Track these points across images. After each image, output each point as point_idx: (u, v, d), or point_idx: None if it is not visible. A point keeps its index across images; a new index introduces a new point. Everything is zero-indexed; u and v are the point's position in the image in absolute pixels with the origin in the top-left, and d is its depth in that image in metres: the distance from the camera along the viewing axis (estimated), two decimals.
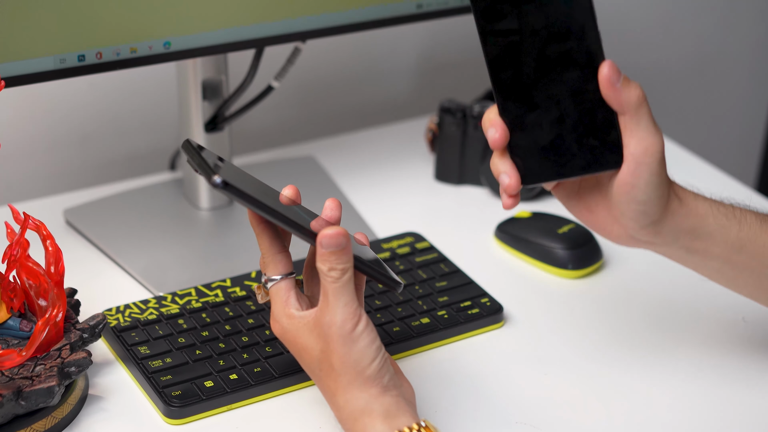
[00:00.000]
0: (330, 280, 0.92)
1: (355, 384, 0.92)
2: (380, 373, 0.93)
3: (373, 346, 0.93)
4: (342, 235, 0.92)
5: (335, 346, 0.92)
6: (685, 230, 0.97)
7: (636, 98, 0.93)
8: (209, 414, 1.03)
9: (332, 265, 0.92)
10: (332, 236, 0.92)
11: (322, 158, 1.45)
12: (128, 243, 1.26)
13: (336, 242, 0.92)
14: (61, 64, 1.12)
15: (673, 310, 1.18)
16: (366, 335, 0.92)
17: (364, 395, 0.92)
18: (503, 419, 1.03)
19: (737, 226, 0.98)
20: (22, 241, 1.02)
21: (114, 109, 1.48)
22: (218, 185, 0.90)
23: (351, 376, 0.92)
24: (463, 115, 1.39)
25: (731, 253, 0.99)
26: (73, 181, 1.47)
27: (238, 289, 1.15)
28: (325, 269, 0.92)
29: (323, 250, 0.92)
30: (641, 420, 1.04)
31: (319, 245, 0.92)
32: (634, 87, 0.93)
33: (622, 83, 0.93)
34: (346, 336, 0.92)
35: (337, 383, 0.93)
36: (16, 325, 1.04)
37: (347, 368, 0.92)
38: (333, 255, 0.92)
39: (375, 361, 0.92)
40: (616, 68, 0.93)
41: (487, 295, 1.17)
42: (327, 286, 0.92)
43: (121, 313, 1.12)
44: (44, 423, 0.99)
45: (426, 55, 1.68)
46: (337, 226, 0.93)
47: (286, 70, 1.29)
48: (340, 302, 0.92)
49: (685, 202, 0.97)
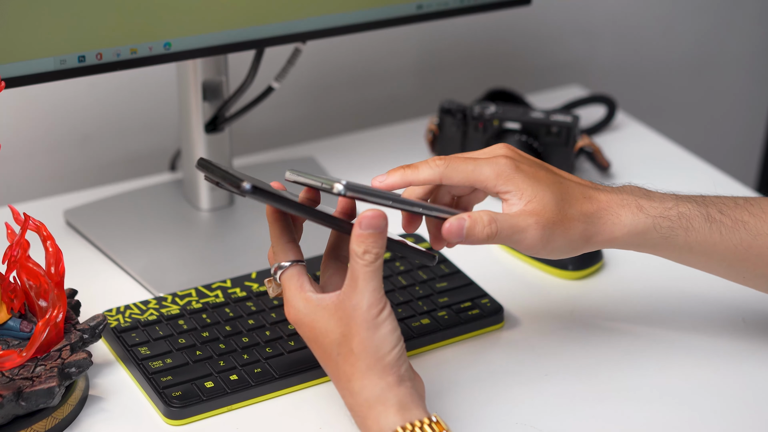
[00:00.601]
0: (363, 263, 0.93)
1: (373, 370, 0.93)
2: (398, 362, 0.93)
3: (395, 334, 0.94)
4: (382, 217, 0.93)
5: (358, 329, 0.93)
6: (629, 241, 1.02)
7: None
8: (209, 415, 1.03)
9: (368, 248, 0.92)
10: (372, 217, 0.93)
11: (322, 159, 1.45)
12: (128, 244, 1.26)
13: (376, 223, 0.93)
14: (62, 65, 1.12)
15: (673, 312, 1.18)
16: (389, 322, 0.93)
17: (381, 383, 0.93)
18: (504, 420, 1.03)
19: (684, 234, 1.03)
20: (22, 242, 1.02)
21: (114, 110, 1.48)
22: (248, 191, 0.91)
23: (371, 361, 0.93)
24: (464, 116, 1.39)
25: (685, 255, 1.04)
26: (74, 181, 1.47)
27: (238, 290, 1.15)
28: (360, 251, 0.93)
29: (361, 231, 0.93)
30: (642, 420, 1.04)
31: (357, 226, 0.93)
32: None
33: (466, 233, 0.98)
34: (371, 321, 0.93)
35: (354, 368, 0.93)
36: (17, 326, 1.04)
37: (368, 353, 0.93)
38: (370, 237, 0.93)
39: (395, 349, 0.93)
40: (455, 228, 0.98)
41: (487, 296, 1.17)
42: (358, 269, 0.93)
43: (122, 314, 1.12)
44: (44, 423, 0.99)
45: (426, 55, 1.68)
46: (376, 209, 0.93)
47: (287, 70, 1.29)
48: (369, 286, 0.93)
49: (618, 222, 1.02)
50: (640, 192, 1.04)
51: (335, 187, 0.93)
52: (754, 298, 1.19)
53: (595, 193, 1.02)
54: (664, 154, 1.50)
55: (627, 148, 1.50)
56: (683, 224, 1.02)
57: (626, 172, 1.44)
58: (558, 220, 0.99)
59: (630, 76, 1.87)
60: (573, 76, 1.79)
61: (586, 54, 1.81)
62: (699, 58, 1.93)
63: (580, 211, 1.01)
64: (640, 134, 1.54)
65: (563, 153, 1.37)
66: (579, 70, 1.81)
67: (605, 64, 1.83)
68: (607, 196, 1.03)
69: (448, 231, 0.97)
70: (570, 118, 1.37)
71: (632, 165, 1.46)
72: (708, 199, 1.04)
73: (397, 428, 0.92)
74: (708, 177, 1.44)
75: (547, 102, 1.59)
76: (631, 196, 1.03)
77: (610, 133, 1.54)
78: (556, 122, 1.37)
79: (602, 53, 1.82)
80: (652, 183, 1.33)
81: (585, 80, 1.79)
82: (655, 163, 1.47)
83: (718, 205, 1.04)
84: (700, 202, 1.04)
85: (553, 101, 1.59)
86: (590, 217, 1.01)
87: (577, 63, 1.80)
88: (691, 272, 1.08)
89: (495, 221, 0.98)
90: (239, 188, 0.91)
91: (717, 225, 1.03)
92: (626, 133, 1.54)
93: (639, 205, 1.02)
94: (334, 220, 0.97)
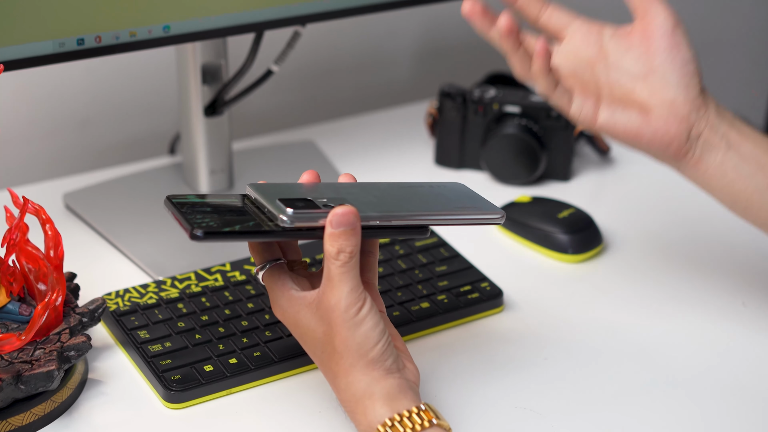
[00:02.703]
0: (338, 263, 0.91)
1: (357, 367, 0.92)
2: (383, 356, 0.92)
3: (377, 330, 0.92)
4: (353, 213, 0.91)
5: (338, 329, 0.92)
6: (724, 114, 1.04)
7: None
8: (209, 398, 1.03)
9: (341, 247, 0.90)
10: (343, 214, 0.90)
11: (321, 142, 1.45)
12: (128, 227, 1.26)
13: (346, 221, 0.90)
14: (60, 48, 1.12)
15: (672, 295, 1.18)
16: (370, 319, 0.92)
17: (366, 378, 0.92)
18: (503, 404, 1.03)
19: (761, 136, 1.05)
20: (21, 225, 1.02)
21: (113, 94, 1.48)
22: (199, 237, 0.89)
23: (354, 359, 0.92)
24: (463, 100, 1.39)
25: (763, 154, 1.04)
26: (73, 165, 1.47)
27: (237, 274, 1.15)
28: (333, 251, 0.91)
29: (333, 230, 0.90)
30: (641, 403, 1.04)
31: (329, 224, 0.91)
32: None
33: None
34: (350, 320, 0.91)
35: (339, 366, 0.93)
36: (16, 310, 1.04)
37: (350, 351, 0.92)
38: (343, 236, 0.90)
39: (378, 344, 0.92)
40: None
41: (486, 280, 1.17)
42: (333, 269, 0.91)
43: (121, 298, 1.12)
44: (44, 407, 0.99)
45: (426, 39, 1.68)
46: (347, 206, 0.91)
47: (286, 54, 1.29)
48: (345, 287, 0.91)
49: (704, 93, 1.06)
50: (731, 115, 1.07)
51: (280, 219, 0.91)
52: (755, 282, 1.19)
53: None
54: None
55: None
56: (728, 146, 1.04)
57: (626, 155, 1.44)
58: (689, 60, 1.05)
59: None
60: None
61: None
62: (699, 40, 1.92)
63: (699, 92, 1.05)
64: None
65: (563, 137, 1.37)
66: None
67: None
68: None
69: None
70: None
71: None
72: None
73: (385, 420, 0.91)
74: None
75: None
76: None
77: None
78: None
79: None
80: (651, 167, 1.33)
81: None
82: None
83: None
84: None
85: None
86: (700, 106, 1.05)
87: None
88: (692, 257, 1.08)
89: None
90: (190, 235, 0.90)
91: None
92: None
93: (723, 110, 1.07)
94: (298, 233, 0.92)
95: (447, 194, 1.01)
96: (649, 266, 1.23)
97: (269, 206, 0.92)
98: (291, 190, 0.95)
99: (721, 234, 1.28)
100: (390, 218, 0.94)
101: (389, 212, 0.94)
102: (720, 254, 1.25)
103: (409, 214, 0.95)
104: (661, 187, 1.38)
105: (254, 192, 0.94)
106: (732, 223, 1.20)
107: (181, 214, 0.92)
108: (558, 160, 1.38)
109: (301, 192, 0.94)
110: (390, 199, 0.97)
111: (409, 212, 0.95)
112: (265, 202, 0.93)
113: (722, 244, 1.27)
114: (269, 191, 0.94)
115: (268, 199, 0.93)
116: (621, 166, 1.43)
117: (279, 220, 0.91)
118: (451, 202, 0.99)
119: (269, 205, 0.92)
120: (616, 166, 1.43)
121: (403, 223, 0.95)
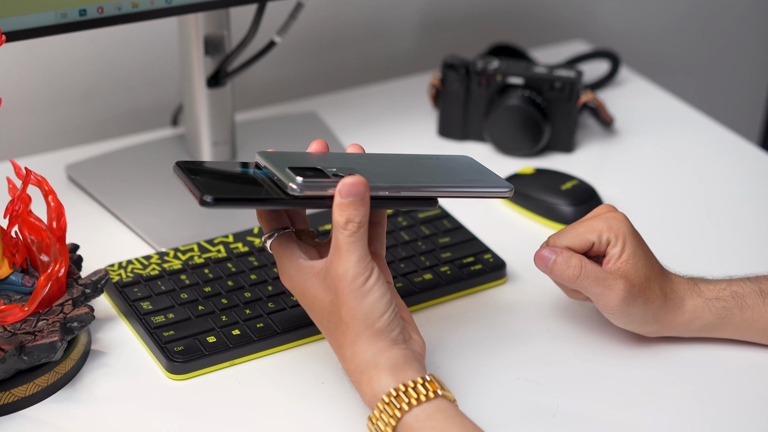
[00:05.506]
0: (346, 233, 0.91)
1: (363, 337, 0.92)
2: (390, 326, 0.92)
3: (384, 300, 0.92)
4: (362, 183, 0.91)
5: (345, 299, 0.92)
6: (690, 326, 1.05)
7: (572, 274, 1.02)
8: (211, 369, 1.03)
9: (350, 217, 0.90)
10: (353, 184, 0.90)
11: (324, 114, 1.45)
12: (130, 199, 1.26)
13: (356, 190, 0.90)
14: (63, 19, 1.11)
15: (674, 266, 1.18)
16: (377, 289, 0.92)
17: (371, 348, 0.92)
18: (505, 375, 1.04)
19: (739, 312, 1.05)
20: (23, 197, 1.02)
21: (116, 65, 1.48)
22: (209, 203, 0.89)
23: (360, 329, 0.92)
24: (467, 71, 1.38)
25: (745, 332, 1.06)
26: (76, 136, 1.47)
27: (240, 245, 1.15)
28: (342, 221, 0.91)
29: (342, 199, 0.90)
30: (644, 375, 1.04)
31: (338, 194, 0.91)
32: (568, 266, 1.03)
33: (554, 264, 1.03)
34: (357, 290, 0.91)
35: (345, 336, 0.93)
36: (18, 281, 1.04)
37: (356, 321, 0.92)
38: (351, 205, 0.90)
39: (385, 315, 0.92)
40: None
41: (489, 251, 1.17)
42: (341, 239, 0.91)
43: (124, 269, 1.12)
44: (47, 378, 0.99)
45: (430, 10, 1.67)
46: (357, 176, 0.91)
47: (289, 25, 1.29)
48: (353, 256, 0.91)
49: (682, 307, 1.05)
50: (699, 278, 1.07)
51: (290, 187, 0.91)
52: (758, 254, 1.19)
53: (675, 277, 1.06)
54: (668, 109, 1.49)
55: (630, 103, 1.49)
56: (738, 303, 1.04)
57: (630, 127, 1.44)
58: (643, 289, 1.03)
59: (634, 31, 1.86)
60: (577, 31, 1.78)
61: (591, 9, 1.80)
62: (703, 13, 1.92)
63: (661, 287, 1.04)
64: (644, 89, 1.54)
65: (566, 108, 1.36)
66: (583, 25, 1.80)
67: (609, 20, 1.82)
68: (682, 283, 1.06)
69: (537, 257, 1.03)
70: (573, 73, 1.37)
71: (635, 120, 1.45)
72: (760, 277, 1.06)
73: (390, 390, 0.91)
74: (712, 133, 1.43)
75: (550, 57, 1.58)
76: (694, 282, 1.06)
77: (613, 88, 1.53)
78: (560, 77, 1.36)
79: (606, 8, 1.81)
80: (655, 139, 1.32)
81: (589, 35, 1.78)
82: (658, 118, 1.46)
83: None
84: (753, 279, 1.06)
85: (557, 56, 1.58)
86: (667, 295, 1.04)
87: (581, 18, 1.79)
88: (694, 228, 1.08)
89: (582, 267, 1.02)
90: (199, 201, 0.90)
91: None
92: (630, 88, 1.54)
93: (699, 291, 1.05)
94: (307, 201, 0.92)
95: (455, 167, 1.01)
96: (651, 237, 1.22)
97: (279, 174, 0.92)
98: (300, 158, 0.95)
99: (722, 205, 1.28)
100: (399, 189, 0.94)
101: (398, 183, 0.94)
102: (723, 225, 1.25)
103: (418, 186, 0.95)
104: (664, 159, 1.38)
105: (264, 160, 0.94)
106: (735, 194, 1.20)
107: (191, 180, 0.92)
108: (561, 131, 1.37)
109: (311, 161, 0.94)
110: (399, 170, 0.97)
111: (418, 184, 0.95)
112: (274, 170, 0.93)
113: (724, 214, 1.27)
114: (279, 159, 0.94)
115: (278, 167, 0.93)
116: (624, 138, 1.42)
117: (289, 188, 0.91)
118: (460, 175, 0.99)
119: (279, 173, 0.92)
120: (619, 138, 1.42)
121: (412, 194, 0.95)
